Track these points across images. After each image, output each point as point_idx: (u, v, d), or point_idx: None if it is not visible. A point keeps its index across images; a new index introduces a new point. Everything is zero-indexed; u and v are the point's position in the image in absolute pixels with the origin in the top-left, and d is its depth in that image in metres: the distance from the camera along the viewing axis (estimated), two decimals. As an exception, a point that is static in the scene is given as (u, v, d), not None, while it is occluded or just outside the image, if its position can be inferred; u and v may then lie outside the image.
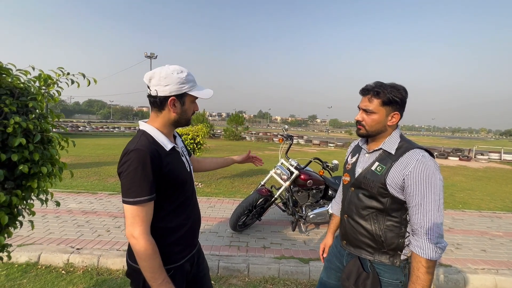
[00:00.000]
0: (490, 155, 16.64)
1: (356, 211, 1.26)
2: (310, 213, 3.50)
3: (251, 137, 24.66)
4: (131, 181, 0.92)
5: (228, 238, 3.31)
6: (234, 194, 5.42)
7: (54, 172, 1.51)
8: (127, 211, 0.93)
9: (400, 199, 1.15)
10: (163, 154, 1.01)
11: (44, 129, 1.47)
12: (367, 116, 1.20)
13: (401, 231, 1.17)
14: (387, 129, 1.21)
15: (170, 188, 1.01)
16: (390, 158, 1.17)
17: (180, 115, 1.07)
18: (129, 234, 0.93)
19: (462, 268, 2.87)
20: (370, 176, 1.20)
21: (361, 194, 1.24)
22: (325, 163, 3.47)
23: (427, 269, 1.05)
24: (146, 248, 0.92)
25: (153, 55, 34.35)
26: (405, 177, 1.11)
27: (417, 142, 1.21)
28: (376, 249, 1.21)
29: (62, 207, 4.09)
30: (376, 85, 1.17)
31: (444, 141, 40.06)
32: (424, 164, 1.09)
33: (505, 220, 4.60)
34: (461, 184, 8.05)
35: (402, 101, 1.16)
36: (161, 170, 0.98)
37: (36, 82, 1.47)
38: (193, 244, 1.17)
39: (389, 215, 1.18)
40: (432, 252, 1.05)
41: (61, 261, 2.71)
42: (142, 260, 0.93)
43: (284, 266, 2.75)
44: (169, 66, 1.04)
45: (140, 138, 1.01)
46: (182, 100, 1.05)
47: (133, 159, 0.93)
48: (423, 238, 1.07)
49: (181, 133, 5.95)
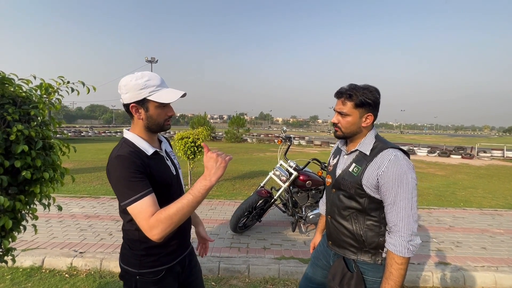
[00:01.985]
0: (492, 152, 16.52)
1: (338, 212, 1.30)
2: (310, 214, 3.52)
3: (252, 139, 24.71)
4: (121, 185, 0.94)
5: (228, 240, 3.34)
6: (236, 196, 5.46)
7: (56, 177, 1.56)
8: (131, 213, 0.93)
9: (377, 198, 1.18)
10: (145, 158, 1.02)
11: (45, 136, 1.52)
12: (342, 119, 1.23)
13: (381, 230, 1.21)
14: (362, 130, 1.24)
15: (155, 190, 1.01)
16: (365, 159, 1.21)
17: (146, 121, 1.06)
18: (146, 231, 0.91)
19: (462, 266, 2.88)
20: (348, 177, 1.24)
21: (341, 195, 1.28)
22: (323, 164, 3.50)
23: (400, 265, 1.10)
24: (163, 218, 0.89)
25: (153, 60, 34.56)
26: (379, 177, 1.14)
27: (419, 141, 1.25)
28: (359, 248, 1.25)
29: (65, 211, 4.15)
30: (350, 87, 1.21)
31: (447, 139, 39.85)
32: (396, 164, 1.12)
33: (506, 218, 4.59)
34: (463, 182, 8.03)
35: (374, 102, 1.19)
36: (146, 171, 0.99)
37: (38, 91, 1.52)
38: (184, 246, 1.19)
39: (368, 214, 1.22)
40: (404, 250, 1.09)
41: (64, 264, 2.76)
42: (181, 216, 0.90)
43: (284, 266, 2.77)
44: (130, 74, 1.03)
45: (122, 145, 1.04)
46: (145, 106, 1.03)
47: (116, 165, 0.96)
48: (396, 236, 1.11)
49: (181, 136, 6.00)
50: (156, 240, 0.90)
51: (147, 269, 1.06)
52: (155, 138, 1.15)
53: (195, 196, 0.91)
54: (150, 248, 1.04)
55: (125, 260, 1.09)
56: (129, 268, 1.07)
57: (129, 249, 1.08)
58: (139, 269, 1.06)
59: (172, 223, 0.89)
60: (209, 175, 0.92)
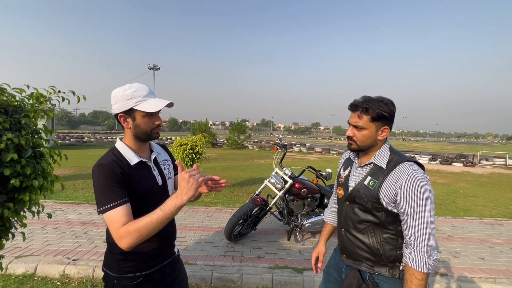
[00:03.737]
0: (495, 160, 16.40)
1: (353, 225, 1.27)
2: (305, 222, 3.50)
3: (253, 146, 24.73)
4: (98, 192, 0.99)
5: (223, 248, 3.32)
6: (233, 203, 5.44)
7: (45, 185, 1.57)
8: (105, 220, 0.98)
9: (394, 212, 1.16)
10: (126, 167, 1.06)
11: (36, 144, 1.55)
12: (358, 132, 1.21)
13: (398, 242, 1.19)
14: (378, 143, 1.23)
15: (134, 200, 1.04)
16: (382, 173, 1.19)
17: (134, 130, 1.09)
18: (116, 239, 0.95)
19: (459, 277, 2.83)
20: (364, 191, 1.21)
21: (356, 208, 1.25)
22: (318, 172, 3.50)
23: (420, 281, 1.08)
24: (132, 230, 0.92)
25: (156, 67, 35.03)
26: (397, 191, 1.13)
27: (421, 149, 1.24)
28: (375, 262, 1.22)
29: (61, 218, 4.15)
30: (364, 100, 1.19)
31: (449, 147, 39.64)
32: (415, 178, 1.11)
33: (506, 227, 4.52)
34: (464, 191, 7.95)
35: (390, 115, 1.18)
36: (124, 181, 1.02)
37: (30, 100, 1.56)
38: (166, 255, 1.20)
39: (385, 228, 1.20)
40: (424, 265, 1.07)
41: (57, 272, 2.75)
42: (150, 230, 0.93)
43: (277, 276, 2.74)
44: (120, 87, 1.07)
45: (107, 154, 1.09)
46: (132, 115, 1.08)
47: (96, 173, 1.01)
48: (415, 251, 1.09)
49: (180, 143, 6.03)
50: (125, 249, 0.94)
51: (124, 274, 1.08)
52: (145, 147, 1.17)
53: (165, 213, 0.93)
54: (128, 253, 1.05)
55: (106, 263, 1.13)
56: (108, 271, 1.10)
57: (110, 252, 1.12)
58: (117, 273, 1.08)
59: (140, 235, 0.93)
60: (180, 194, 0.94)
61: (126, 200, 0.99)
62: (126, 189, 1.02)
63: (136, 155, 1.10)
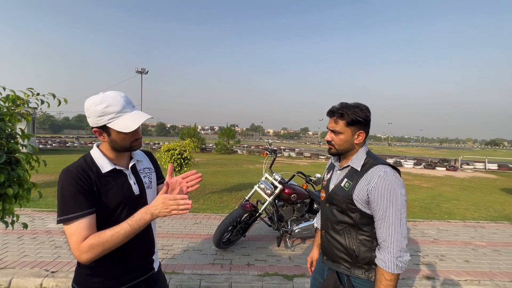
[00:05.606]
0: (475, 164, 17.06)
1: (331, 226, 1.31)
2: (295, 228, 3.48)
3: (243, 151, 24.66)
4: (60, 200, 0.93)
5: (212, 256, 3.23)
6: (222, 209, 5.35)
7: (21, 193, 1.48)
8: (65, 231, 0.92)
9: (368, 214, 1.20)
10: (96, 175, 0.98)
11: (12, 149, 1.46)
12: (335, 136, 1.27)
13: (373, 245, 1.22)
14: (355, 147, 1.28)
15: (105, 210, 0.97)
16: (356, 175, 1.23)
17: (112, 143, 1.02)
18: (76, 254, 0.89)
19: (445, 280, 2.88)
20: (340, 192, 1.27)
21: (334, 209, 1.30)
22: (308, 177, 3.50)
23: (389, 281, 1.10)
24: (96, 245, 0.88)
25: (143, 71, 34.54)
26: (368, 192, 1.17)
27: (406, 153, 1.27)
28: (352, 263, 1.25)
29: (41, 227, 3.94)
30: (341, 106, 1.25)
31: (432, 152, 40.95)
32: (386, 180, 1.15)
33: (488, 230, 4.67)
34: (447, 194, 8.19)
35: (365, 120, 1.24)
36: (91, 190, 0.95)
37: (6, 103, 1.47)
38: (140, 271, 1.10)
39: (360, 229, 1.23)
40: (393, 266, 1.09)
41: (33, 285, 2.58)
42: (114, 244, 0.90)
43: (267, 283, 2.69)
44: (93, 97, 0.98)
45: (79, 159, 1.03)
46: (107, 131, 1.00)
47: (60, 179, 0.95)
48: (386, 252, 1.12)
49: (168, 148, 5.91)
50: (84, 263, 0.91)
51: None
52: (124, 155, 1.10)
53: (132, 227, 0.90)
54: (97, 268, 0.99)
55: (75, 278, 1.05)
56: (76, 286, 1.03)
57: (78, 267, 1.04)
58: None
59: (104, 249, 0.89)
60: (152, 209, 0.91)
61: (90, 211, 0.93)
62: (95, 198, 0.95)
63: (110, 163, 1.03)
